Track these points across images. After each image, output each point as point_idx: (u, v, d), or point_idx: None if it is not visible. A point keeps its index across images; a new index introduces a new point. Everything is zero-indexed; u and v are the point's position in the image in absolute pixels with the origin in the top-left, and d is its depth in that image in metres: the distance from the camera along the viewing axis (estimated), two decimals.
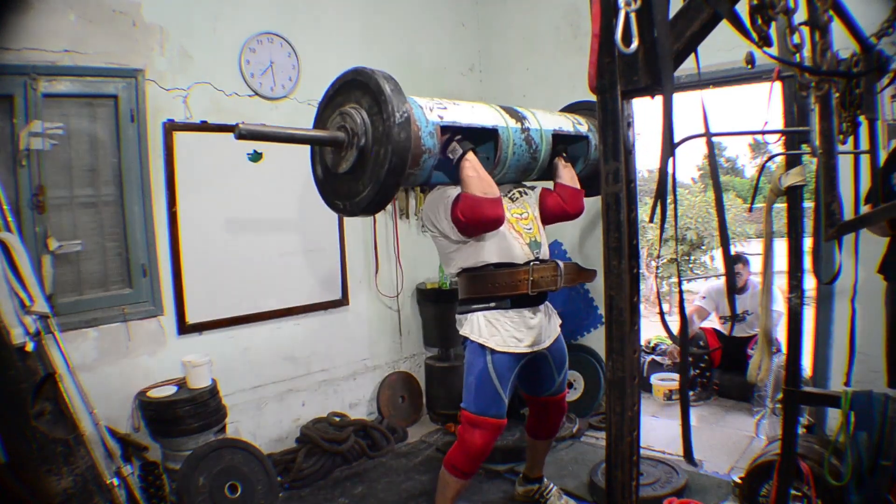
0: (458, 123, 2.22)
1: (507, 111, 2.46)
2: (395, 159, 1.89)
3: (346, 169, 2.00)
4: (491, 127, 2.33)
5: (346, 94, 2.09)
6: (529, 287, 2.39)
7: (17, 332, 2.19)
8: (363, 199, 1.98)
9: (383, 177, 1.90)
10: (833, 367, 3.22)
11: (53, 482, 2.19)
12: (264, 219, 3.49)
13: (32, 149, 2.61)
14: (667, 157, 1.09)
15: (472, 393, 2.41)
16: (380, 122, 1.93)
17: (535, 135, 2.48)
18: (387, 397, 4.05)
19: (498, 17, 4.65)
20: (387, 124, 1.89)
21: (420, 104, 2.13)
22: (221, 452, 2.79)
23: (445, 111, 2.20)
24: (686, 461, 1.36)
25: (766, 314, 2.13)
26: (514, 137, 2.39)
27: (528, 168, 2.55)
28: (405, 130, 1.90)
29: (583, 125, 2.77)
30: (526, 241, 2.47)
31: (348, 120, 1.98)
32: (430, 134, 2.09)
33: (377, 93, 1.95)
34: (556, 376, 2.65)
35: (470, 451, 2.40)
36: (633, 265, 1.11)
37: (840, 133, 1.83)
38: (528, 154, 2.46)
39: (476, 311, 2.43)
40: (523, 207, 2.57)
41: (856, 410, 1.93)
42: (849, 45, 1.74)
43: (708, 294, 4.51)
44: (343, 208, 2.10)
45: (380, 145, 1.92)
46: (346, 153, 2.00)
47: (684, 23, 1.04)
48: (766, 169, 2.53)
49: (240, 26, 3.36)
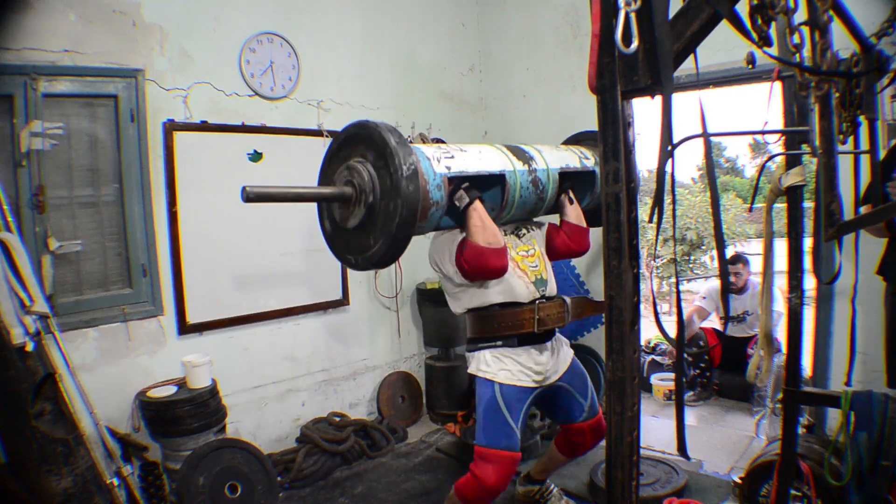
0: (465, 173, 2.21)
1: (513, 152, 2.44)
2: (405, 212, 1.89)
3: (356, 224, 2.01)
4: (498, 173, 2.32)
5: (351, 148, 2.08)
6: (535, 326, 2.37)
7: (17, 332, 2.20)
8: (375, 253, 1.99)
9: (394, 230, 1.90)
10: (833, 367, 3.23)
11: (53, 482, 2.19)
12: (264, 218, 3.49)
13: (32, 149, 2.61)
14: (665, 158, 1.09)
15: (481, 426, 2.36)
16: (387, 175, 1.92)
17: (541, 175, 2.46)
18: (387, 397, 4.05)
19: (498, 17, 4.65)
20: (394, 178, 1.89)
21: (427, 155, 2.12)
22: (221, 452, 2.79)
23: (452, 160, 2.18)
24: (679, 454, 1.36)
25: (767, 314, 2.13)
26: (521, 180, 2.38)
27: (534, 208, 2.54)
28: (413, 183, 1.91)
29: (589, 159, 2.72)
30: (531, 279, 2.44)
31: (355, 175, 1.98)
32: (437, 187, 2.08)
33: (382, 146, 1.95)
34: (581, 402, 2.56)
35: (483, 486, 2.29)
36: (633, 265, 1.11)
37: (840, 133, 1.83)
38: (534, 195, 2.45)
39: (483, 349, 2.41)
40: (530, 244, 2.55)
41: (856, 410, 1.93)
42: (849, 45, 1.74)
43: (708, 294, 4.51)
44: (355, 263, 2.09)
45: (389, 199, 1.92)
46: (354, 209, 2.00)
47: (684, 23, 1.04)
48: (766, 169, 2.53)
49: (240, 26, 3.36)
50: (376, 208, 1.96)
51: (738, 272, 4.30)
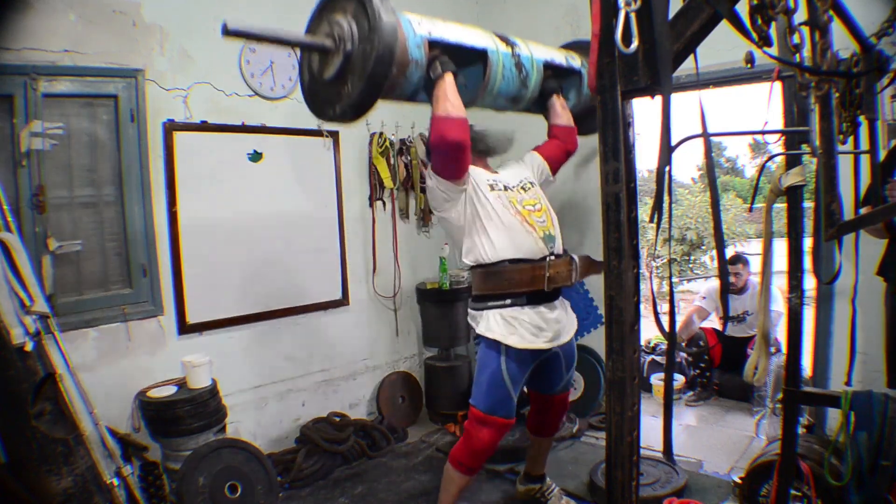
0: (446, 40, 2.19)
1: (499, 37, 2.41)
2: (381, 49, 1.87)
3: (333, 74, 2.00)
4: (480, 48, 2.28)
5: (333, 6, 2.07)
6: (546, 284, 2.35)
7: (17, 332, 2.19)
8: (352, 95, 1.96)
9: (371, 67, 1.88)
10: (833, 367, 3.22)
11: (53, 482, 2.19)
12: (264, 219, 3.49)
13: (32, 149, 2.61)
14: (665, 158, 1.09)
15: (482, 392, 2.39)
16: (364, 20, 1.92)
17: (525, 61, 2.43)
18: (387, 397, 4.05)
19: (498, 17, 4.64)
20: (371, 18, 1.89)
21: (409, 18, 2.12)
22: (221, 452, 2.79)
23: (435, 27, 2.18)
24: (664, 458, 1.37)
25: (765, 314, 2.13)
26: (504, 61, 2.34)
27: (517, 96, 2.49)
28: (390, 21, 1.90)
29: (576, 60, 2.73)
30: (540, 234, 2.41)
31: (335, 27, 1.98)
32: (417, 45, 2.07)
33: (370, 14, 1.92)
34: (564, 374, 2.65)
35: (476, 448, 2.41)
36: (633, 265, 1.11)
37: (840, 133, 1.83)
38: (517, 80, 2.41)
39: (492, 309, 2.38)
40: (536, 198, 2.53)
41: (856, 410, 1.93)
42: (849, 45, 1.74)
43: (708, 294, 4.51)
44: (333, 112, 2.06)
45: (366, 42, 1.91)
46: (332, 59, 1.99)
47: (684, 23, 1.04)
48: (766, 169, 2.54)
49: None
50: (353, 54, 1.95)
51: (738, 272, 4.30)
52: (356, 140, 3.93)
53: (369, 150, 3.96)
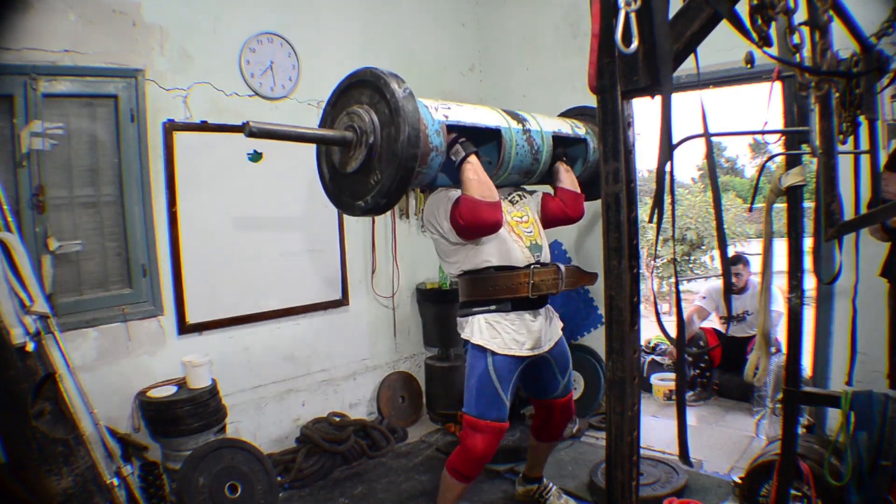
0: (462, 123, 2.23)
1: (508, 113, 2.47)
2: (408, 130, 1.87)
3: (356, 168, 1.99)
4: (494, 127, 2.34)
5: (349, 97, 2.09)
6: (530, 290, 2.39)
7: (17, 332, 2.19)
8: (382, 185, 1.94)
9: (399, 152, 1.88)
10: (833, 367, 3.22)
11: (53, 482, 2.19)
12: (264, 219, 3.49)
13: (32, 149, 2.61)
14: (665, 158, 1.09)
15: (472, 396, 2.41)
16: (384, 105, 1.92)
17: (536, 136, 2.49)
18: (387, 397, 4.05)
19: (498, 17, 4.64)
20: (392, 102, 1.89)
21: (425, 104, 2.14)
22: (221, 452, 2.79)
23: (450, 111, 2.21)
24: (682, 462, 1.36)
25: (765, 314, 2.13)
26: (516, 138, 2.40)
27: (530, 170, 2.55)
28: (411, 103, 1.90)
29: (581, 129, 2.79)
30: (526, 243, 2.47)
31: (356, 119, 1.98)
32: (436, 132, 2.09)
33: (376, 80, 1.94)
34: (559, 378, 2.65)
35: (472, 455, 2.39)
36: (633, 265, 1.11)
37: (840, 133, 1.83)
38: (530, 155, 2.47)
39: (477, 314, 2.42)
40: (523, 210, 2.57)
41: (856, 410, 1.93)
42: (849, 45, 1.74)
43: (708, 294, 4.51)
44: (365, 205, 2.04)
45: (390, 126, 1.91)
46: (354, 152, 1.99)
47: (684, 23, 1.04)
48: (766, 169, 2.53)
49: (240, 26, 3.36)
50: (377, 144, 1.95)
51: (739, 272, 4.30)
52: None
53: None
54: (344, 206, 2.16)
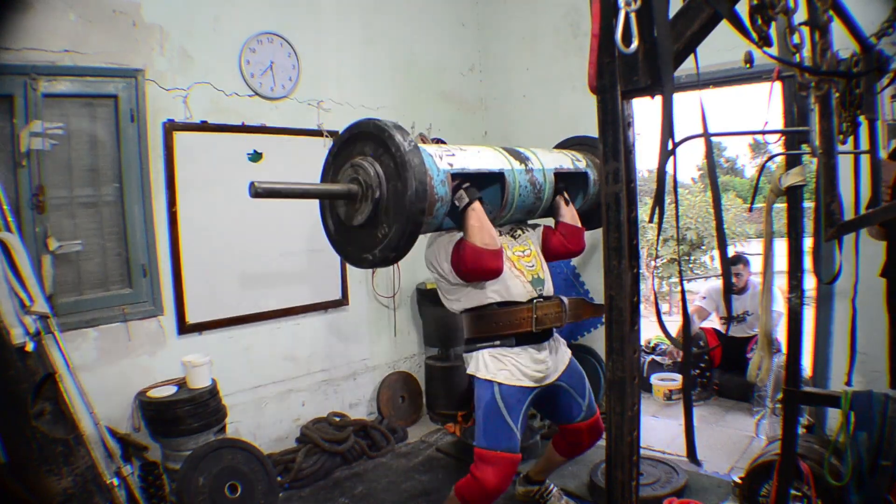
0: (467, 170, 2.23)
1: (510, 153, 2.47)
2: (415, 185, 1.87)
3: (363, 220, 1.99)
4: (498, 171, 2.34)
5: (352, 149, 2.08)
6: (534, 325, 2.38)
7: (17, 332, 2.19)
8: (392, 239, 1.93)
9: (407, 206, 1.87)
10: (833, 367, 3.22)
11: (53, 482, 2.19)
12: (264, 219, 3.49)
13: (32, 149, 2.61)
14: (666, 158, 1.09)
15: (481, 428, 2.35)
16: (389, 158, 1.91)
17: (538, 175, 2.49)
18: (387, 397, 4.05)
19: (498, 17, 4.64)
20: (397, 156, 1.89)
21: (429, 153, 2.13)
22: (221, 452, 2.79)
23: (454, 158, 2.20)
24: (689, 461, 1.36)
25: (767, 314, 2.14)
26: (519, 179, 2.41)
27: (532, 208, 2.57)
28: (417, 157, 1.90)
29: (581, 161, 2.78)
30: (528, 278, 2.45)
31: (360, 172, 1.97)
32: (441, 182, 2.09)
33: (379, 132, 1.94)
34: (580, 401, 2.57)
35: (484, 489, 2.29)
36: (633, 265, 1.11)
37: (840, 133, 1.83)
38: (532, 195, 2.48)
39: (481, 350, 2.41)
40: (525, 245, 2.57)
41: (856, 410, 1.93)
42: (849, 45, 1.74)
43: (708, 294, 4.51)
44: (373, 258, 2.03)
45: (396, 180, 1.91)
46: (360, 205, 1.99)
47: (684, 23, 1.04)
48: (766, 169, 2.53)
49: (240, 26, 3.36)
50: (384, 197, 1.94)
51: (739, 273, 4.30)
52: None
53: None
54: (351, 258, 2.16)
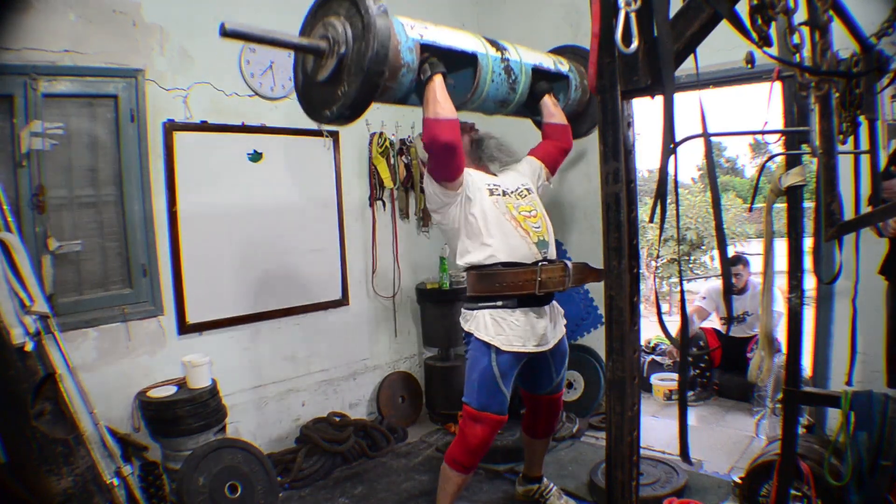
0: (437, 44, 2.21)
1: (488, 41, 2.46)
2: (377, 47, 1.88)
3: (326, 76, 1.99)
4: (471, 52, 2.33)
5: (328, 8, 2.07)
6: (537, 287, 2.40)
7: (17, 332, 2.19)
8: (348, 95, 1.96)
9: (366, 65, 1.89)
10: (833, 367, 3.22)
11: (53, 482, 2.19)
12: (264, 219, 3.49)
13: (32, 149, 2.61)
14: (667, 158, 1.09)
15: (474, 389, 2.43)
16: (358, 20, 1.92)
17: (514, 66, 2.48)
18: (387, 397, 4.05)
19: (498, 17, 4.64)
20: (364, 17, 1.89)
21: (402, 21, 2.13)
22: (221, 452, 2.79)
23: (426, 31, 2.20)
24: (682, 460, 1.36)
25: (767, 314, 2.14)
26: (493, 66, 2.39)
27: (506, 100, 2.54)
28: (384, 22, 1.91)
29: (564, 65, 2.78)
30: (534, 240, 2.47)
31: (330, 29, 1.98)
32: (409, 49, 2.09)
33: (364, 13, 1.92)
34: (554, 376, 2.66)
35: (471, 445, 2.42)
36: (633, 265, 1.11)
37: (840, 133, 1.83)
38: (506, 84, 2.46)
39: (483, 309, 2.43)
40: (532, 205, 2.57)
41: (856, 410, 1.93)
42: (849, 45, 1.74)
43: (708, 294, 4.51)
44: (330, 114, 2.05)
45: (361, 40, 1.92)
46: (326, 61, 1.99)
47: (684, 23, 1.04)
48: (766, 169, 2.54)
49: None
50: (348, 55, 1.95)
51: (739, 273, 4.30)
52: (356, 140, 3.92)
53: (369, 150, 3.96)
54: (313, 112, 2.16)
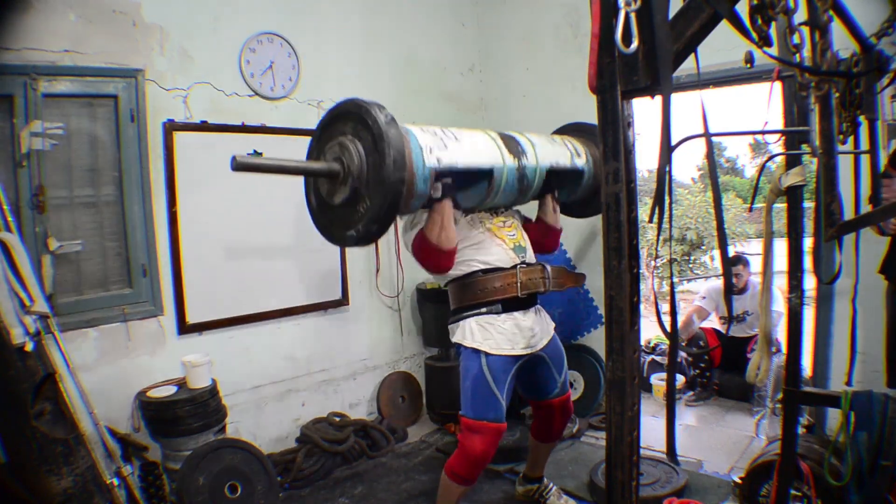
0: (455, 167, 2.21)
1: (507, 144, 2.44)
2: (393, 153, 1.87)
3: (344, 198, 1.99)
4: (487, 168, 2.33)
5: (333, 129, 2.07)
6: (519, 289, 2.42)
7: (17, 332, 2.19)
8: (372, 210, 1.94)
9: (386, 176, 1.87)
10: (833, 367, 3.22)
11: (53, 482, 2.19)
12: (264, 219, 3.49)
13: (32, 149, 2.61)
14: (665, 158, 1.09)
15: (468, 398, 2.41)
16: (368, 133, 1.92)
17: (529, 172, 2.48)
18: (387, 397, 4.05)
19: (498, 17, 4.64)
20: (374, 129, 1.89)
21: (421, 144, 2.09)
22: (221, 452, 2.79)
23: (445, 152, 2.17)
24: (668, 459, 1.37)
25: (766, 314, 2.14)
26: (508, 175, 2.41)
27: (514, 202, 2.63)
28: (394, 128, 1.91)
29: (580, 157, 2.75)
30: (510, 245, 2.51)
31: (340, 150, 1.97)
32: (424, 180, 2.08)
33: (357, 109, 1.95)
34: (556, 377, 2.65)
35: (470, 457, 2.39)
36: (633, 265, 1.11)
37: (840, 133, 1.83)
38: (517, 191, 2.50)
39: (468, 318, 2.45)
40: (506, 217, 2.63)
41: (856, 410, 1.93)
42: (849, 45, 1.74)
43: (708, 294, 4.51)
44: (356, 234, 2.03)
45: (374, 152, 1.90)
46: (341, 183, 1.99)
47: (684, 23, 1.04)
48: (766, 169, 2.54)
49: (240, 26, 3.36)
50: (364, 173, 1.94)
51: (739, 273, 4.30)
52: None
53: None
54: (335, 237, 2.14)
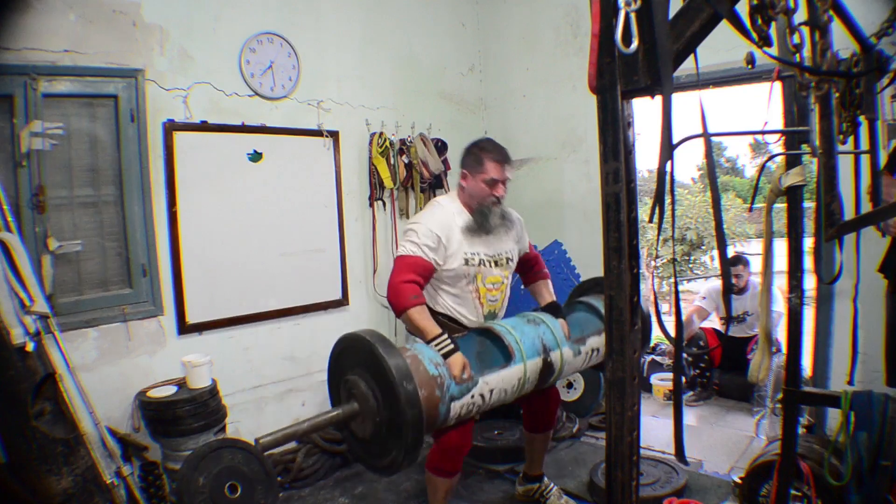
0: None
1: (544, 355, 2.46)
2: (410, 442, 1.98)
3: (370, 434, 2.09)
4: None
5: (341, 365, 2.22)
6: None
7: (17, 332, 2.19)
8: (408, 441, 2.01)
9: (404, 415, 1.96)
10: (833, 367, 3.23)
11: (53, 482, 2.19)
12: (264, 219, 3.49)
13: (32, 149, 2.60)
14: (665, 158, 1.09)
15: None
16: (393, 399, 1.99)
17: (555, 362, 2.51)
18: None
19: (498, 17, 4.65)
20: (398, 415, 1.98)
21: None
22: (221, 452, 2.79)
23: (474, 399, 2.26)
24: (678, 460, 1.37)
25: (766, 314, 2.13)
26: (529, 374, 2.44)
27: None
28: (415, 407, 1.98)
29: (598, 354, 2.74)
30: (485, 311, 2.59)
31: (354, 389, 2.10)
32: (447, 407, 2.17)
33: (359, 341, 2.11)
34: None
35: (447, 449, 2.41)
36: (633, 265, 1.11)
37: (840, 133, 1.83)
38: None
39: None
40: (501, 276, 2.63)
41: (856, 410, 1.93)
42: (849, 45, 1.74)
43: (708, 294, 4.51)
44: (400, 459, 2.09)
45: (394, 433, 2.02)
46: (364, 419, 2.09)
47: (684, 23, 1.04)
48: (766, 169, 2.53)
49: (240, 26, 3.36)
50: (380, 404, 2.04)
51: (739, 273, 4.30)
52: (356, 140, 3.93)
53: (369, 150, 3.96)
54: (374, 467, 2.22)
